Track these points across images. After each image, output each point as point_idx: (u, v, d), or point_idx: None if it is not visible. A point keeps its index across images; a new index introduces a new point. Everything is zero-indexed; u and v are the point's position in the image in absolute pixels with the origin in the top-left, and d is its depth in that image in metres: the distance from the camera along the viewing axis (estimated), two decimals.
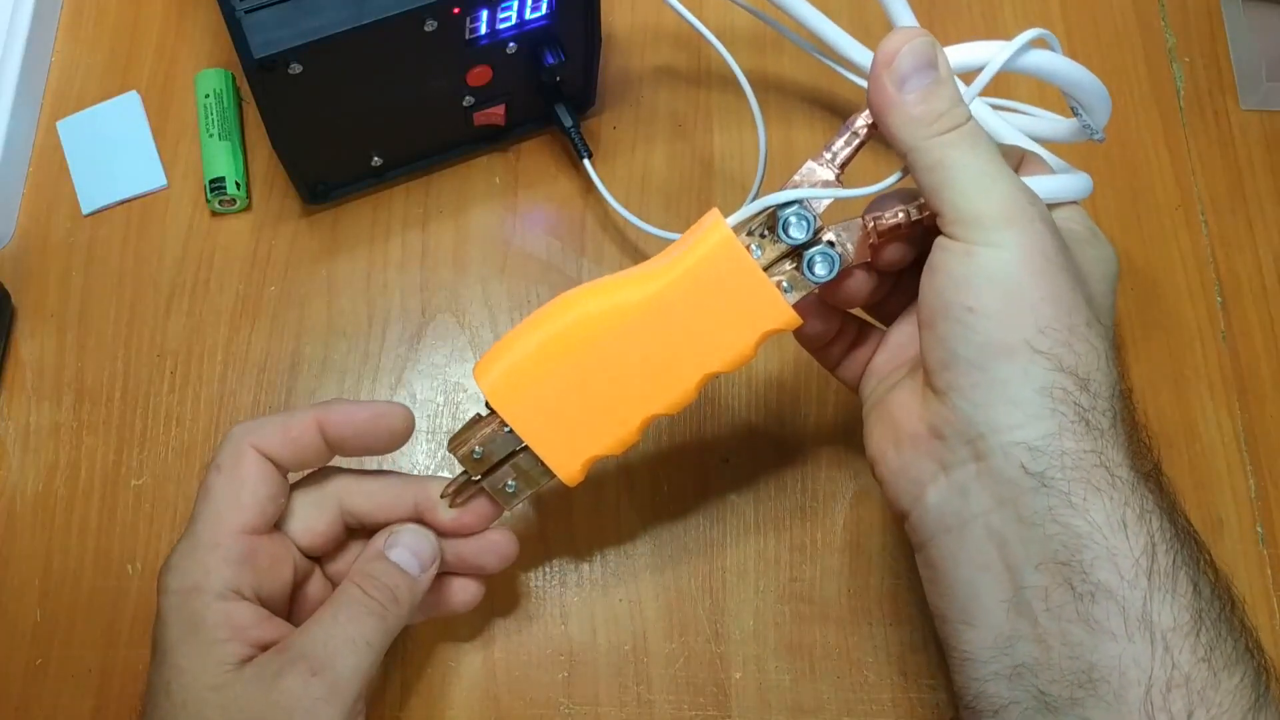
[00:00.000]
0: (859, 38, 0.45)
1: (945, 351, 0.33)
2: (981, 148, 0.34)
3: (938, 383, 0.34)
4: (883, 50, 0.34)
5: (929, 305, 0.34)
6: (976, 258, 0.33)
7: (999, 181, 0.33)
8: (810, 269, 0.36)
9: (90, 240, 0.50)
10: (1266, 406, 0.49)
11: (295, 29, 0.41)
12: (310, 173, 0.48)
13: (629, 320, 0.36)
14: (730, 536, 0.45)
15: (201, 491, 0.37)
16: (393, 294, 0.49)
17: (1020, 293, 0.32)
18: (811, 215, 0.35)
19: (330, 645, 0.35)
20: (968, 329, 0.33)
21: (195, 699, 0.34)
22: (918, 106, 0.34)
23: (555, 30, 0.46)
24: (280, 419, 0.37)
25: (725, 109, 0.53)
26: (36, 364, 0.47)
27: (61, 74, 0.53)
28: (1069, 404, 0.32)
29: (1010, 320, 0.32)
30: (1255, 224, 0.52)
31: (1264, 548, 0.46)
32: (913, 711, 0.43)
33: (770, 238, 0.36)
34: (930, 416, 0.34)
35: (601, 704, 0.43)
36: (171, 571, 0.35)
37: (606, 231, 0.51)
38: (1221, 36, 0.56)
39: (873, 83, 0.34)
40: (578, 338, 0.36)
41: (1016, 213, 0.33)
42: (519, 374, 0.36)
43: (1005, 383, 0.32)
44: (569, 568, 0.45)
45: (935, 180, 0.34)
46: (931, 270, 0.34)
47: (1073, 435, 0.32)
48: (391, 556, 0.37)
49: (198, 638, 0.34)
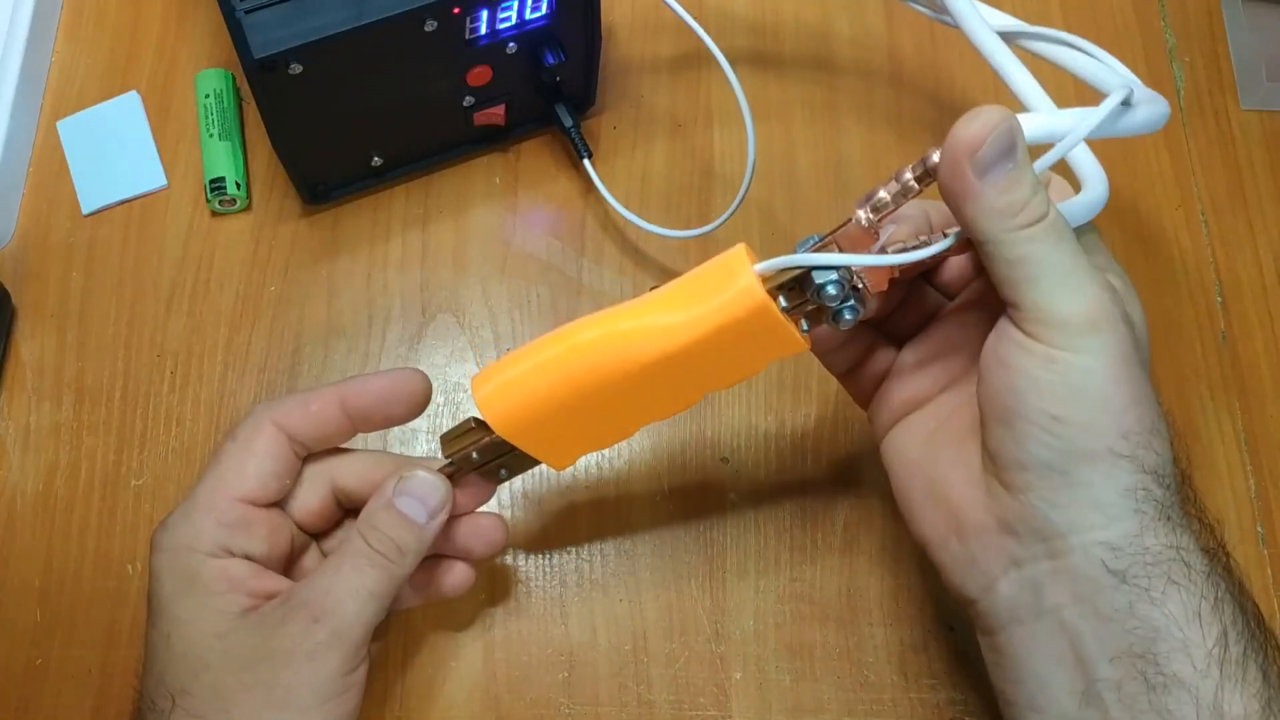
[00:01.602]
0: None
1: (1023, 453, 0.33)
2: (1066, 243, 0.33)
3: (1012, 480, 0.33)
4: (966, 134, 0.31)
5: (1003, 404, 0.33)
6: (1063, 366, 0.32)
7: (1086, 283, 0.32)
8: (837, 320, 0.34)
9: (90, 240, 0.50)
10: (1266, 406, 0.49)
11: (295, 29, 0.41)
12: (310, 173, 0.48)
13: (644, 367, 0.34)
14: (730, 536, 0.45)
15: (211, 459, 0.37)
16: (393, 294, 0.49)
17: (1107, 403, 0.32)
18: (847, 280, 0.34)
19: (333, 593, 0.35)
20: (1051, 436, 0.32)
21: (197, 646, 0.34)
22: (1001, 198, 0.32)
23: (555, 30, 0.46)
24: (301, 396, 0.38)
25: (725, 108, 0.53)
26: (36, 364, 0.47)
27: (61, 74, 0.53)
28: (1150, 502, 0.32)
29: (1096, 429, 0.32)
30: (1255, 224, 0.52)
31: (1264, 548, 0.46)
32: (913, 711, 0.43)
33: (799, 290, 0.34)
34: (1001, 511, 0.34)
35: (601, 704, 0.43)
36: (165, 530, 0.36)
37: (606, 231, 0.51)
38: (1221, 36, 0.56)
39: (950, 168, 0.32)
40: (585, 374, 0.35)
41: (1102, 317, 0.32)
42: (514, 388, 0.36)
43: (1088, 486, 0.32)
44: (569, 568, 0.45)
45: (1017, 276, 0.32)
46: (1007, 368, 0.33)
47: (1154, 533, 0.32)
48: (399, 505, 0.37)
49: (194, 591, 0.35)
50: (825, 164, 0.52)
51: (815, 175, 0.52)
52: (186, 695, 0.34)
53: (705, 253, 0.49)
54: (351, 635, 0.35)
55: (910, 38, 0.55)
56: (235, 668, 0.34)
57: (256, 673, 0.34)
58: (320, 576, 0.36)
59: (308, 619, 0.34)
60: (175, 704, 0.34)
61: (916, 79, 0.54)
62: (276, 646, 0.34)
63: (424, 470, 0.37)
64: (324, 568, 0.36)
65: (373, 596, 0.36)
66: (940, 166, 0.32)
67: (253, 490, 0.36)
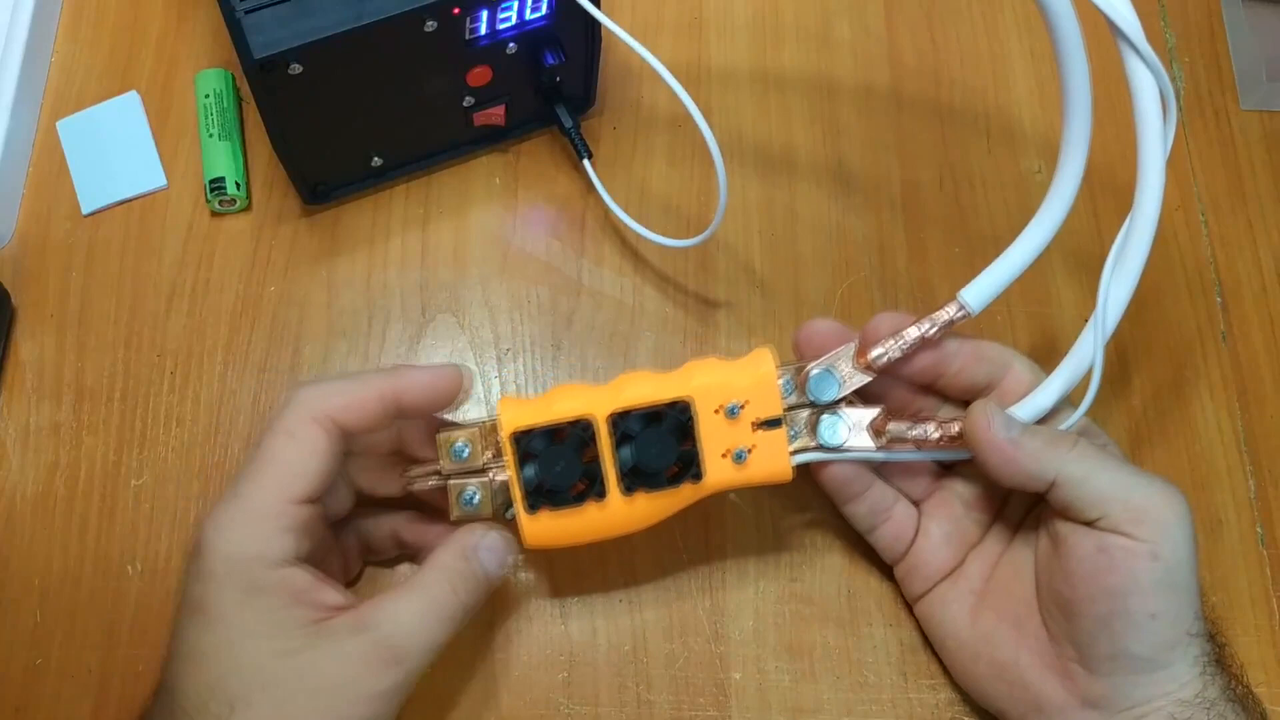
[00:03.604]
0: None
1: (1115, 647, 0.36)
2: (1105, 450, 0.39)
3: (1099, 667, 0.37)
4: (979, 420, 0.38)
5: (1098, 605, 0.36)
6: (1163, 558, 0.36)
7: (1143, 475, 0.37)
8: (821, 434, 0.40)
9: (90, 240, 0.50)
10: (1266, 406, 0.49)
11: (295, 29, 0.41)
12: (310, 173, 0.48)
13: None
14: (730, 537, 0.45)
15: (262, 453, 0.36)
16: (393, 294, 0.49)
17: (1188, 592, 0.37)
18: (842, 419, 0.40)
19: (414, 637, 0.35)
20: (1145, 632, 0.36)
21: (262, 659, 0.34)
22: (1037, 437, 0.37)
23: (555, 30, 0.46)
24: (347, 385, 0.37)
25: (725, 108, 0.53)
26: (36, 364, 0.47)
27: (61, 74, 0.53)
28: (1211, 661, 0.37)
29: (1180, 619, 0.36)
30: (1255, 224, 0.52)
31: (1264, 548, 0.46)
32: (913, 712, 0.43)
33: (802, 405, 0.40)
34: (1084, 692, 0.37)
35: (601, 704, 0.43)
36: (221, 533, 0.35)
37: (606, 232, 0.51)
38: (1221, 36, 0.56)
39: (987, 449, 0.37)
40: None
41: (1176, 501, 0.37)
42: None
43: (1171, 666, 0.36)
44: (569, 568, 0.45)
45: (1092, 489, 0.37)
46: (1109, 567, 0.36)
47: (1215, 685, 0.36)
48: (482, 558, 0.38)
49: (259, 603, 0.34)
50: (825, 165, 0.52)
51: (816, 175, 0.52)
52: (248, 707, 0.33)
53: (705, 254, 0.50)
54: (414, 681, 0.35)
55: (910, 36, 0.55)
56: (303, 692, 0.34)
57: (328, 698, 0.34)
58: (402, 612, 0.36)
59: (389, 659, 0.35)
60: (234, 711, 0.33)
61: (915, 73, 0.55)
62: (348, 681, 0.34)
63: (498, 532, 0.39)
64: (404, 601, 0.36)
65: (438, 648, 0.36)
66: (975, 446, 0.38)
67: (313, 490, 0.36)
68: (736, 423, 0.39)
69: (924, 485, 0.43)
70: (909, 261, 0.50)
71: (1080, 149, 0.38)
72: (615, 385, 0.39)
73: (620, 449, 0.39)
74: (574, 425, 0.38)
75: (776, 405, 0.39)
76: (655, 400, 0.39)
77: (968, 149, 0.53)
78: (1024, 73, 0.55)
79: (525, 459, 0.38)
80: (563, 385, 0.40)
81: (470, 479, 0.39)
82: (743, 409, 0.39)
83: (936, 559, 0.42)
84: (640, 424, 0.39)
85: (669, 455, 0.39)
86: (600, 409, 0.38)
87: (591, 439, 0.39)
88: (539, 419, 0.38)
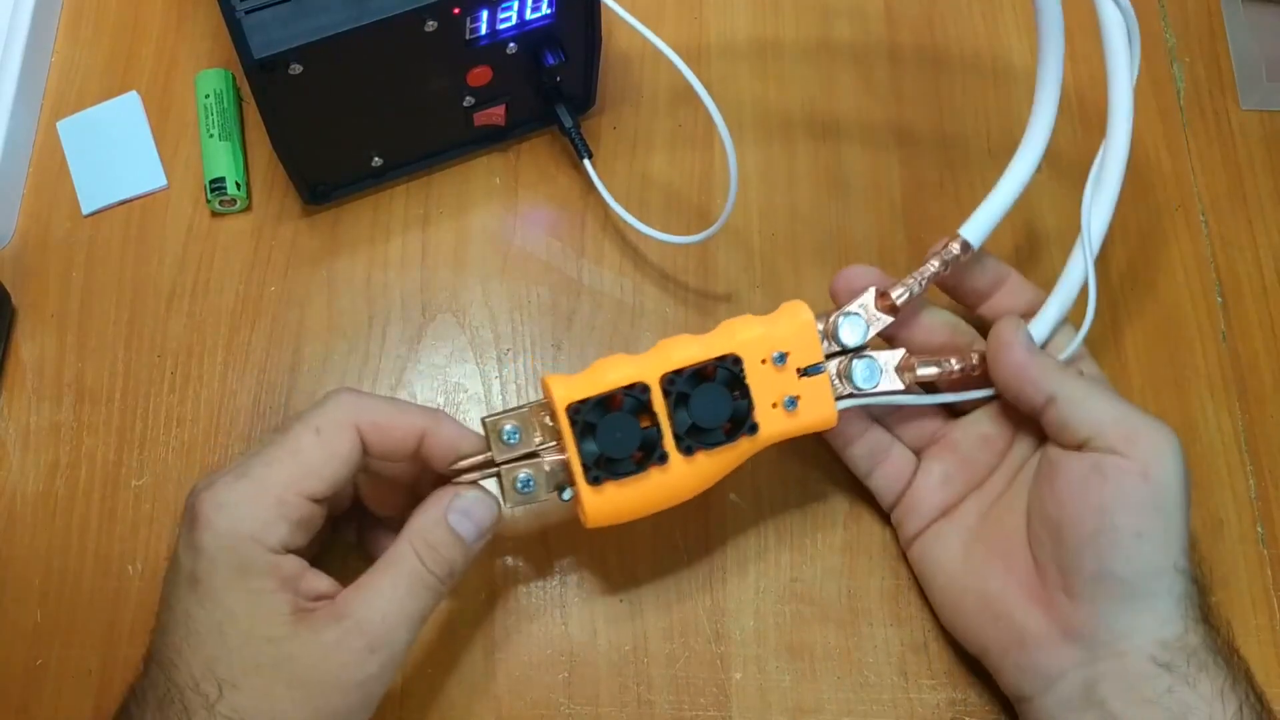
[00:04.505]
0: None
1: (1099, 567, 0.37)
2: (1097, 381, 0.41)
3: (1081, 591, 0.37)
4: (1006, 328, 0.40)
5: (1085, 522, 0.37)
6: (1153, 479, 0.37)
7: (1137, 408, 0.39)
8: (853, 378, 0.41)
9: (90, 240, 0.50)
10: (1266, 406, 0.49)
11: (295, 29, 0.41)
12: (310, 173, 0.48)
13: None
14: (730, 537, 0.45)
15: (285, 440, 0.36)
16: (393, 294, 0.49)
17: (1175, 520, 0.37)
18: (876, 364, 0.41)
19: (389, 621, 0.35)
20: (1131, 551, 0.36)
21: (250, 643, 0.34)
22: (1048, 357, 0.40)
23: (555, 30, 0.46)
24: (388, 407, 0.37)
25: (726, 109, 0.53)
26: (36, 364, 0.47)
27: (61, 74, 0.53)
28: (1194, 605, 0.37)
29: (1167, 546, 0.37)
30: (1255, 224, 0.52)
31: (1264, 548, 0.46)
32: (913, 712, 0.43)
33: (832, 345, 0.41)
34: (1065, 622, 0.38)
35: (601, 704, 0.43)
36: (221, 509, 0.35)
37: (606, 232, 0.51)
38: (1221, 36, 0.56)
39: (1004, 353, 0.40)
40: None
41: (1168, 433, 0.38)
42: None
43: (1153, 597, 0.37)
44: (569, 568, 0.45)
45: (1089, 409, 0.38)
46: (1099, 483, 0.37)
47: (1196, 632, 0.37)
48: (451, 521, 0.37)
49: (246, 584, 0.34)
50: (825, 165, 0.52)
51: (816, 174, 0.52)
52: (235, 690, 0.33)
53: (705, 253, 0.50)
54: (399, 660, 0.35)
55: (910, 35, 0.55)
56: (288, 680, 0.34)
57: (308, 690, 0.34)
58: (375, 597, 0.35)
59: (365, 648, 0.34)
60: (222, 695, 0.33)
61: (914, 64, 0.55)
62: (330, 669, 0.34)
63: (477, 491, 0.38)
64: (378, 585, 0.36)
65: (422, 620, 0.36)
66: (995, 352, 0.40)
67: (323, 491, 0.36)
68: (783, 371, 0.39)
69: (931, 430, 0.44)
70: (909, 261, 0.50)
71: (1054, 75, 0.41)
72: (659, 350, 0.39)
73: (676, 411, 0.39)
74: (628, 392, 0.38)
75: (817, 351, 0.40)
76: (705, 358, 0.39)
77: (968, 149, 0.53)
78: (1025, 72, 0.55)
79: (582, 433, 0.38)
80: (602, 359, 0.39)
81: (521, 465, 0.38)
82: (788, 357, 0.39)
83: (934, 497, 0.42)
84: (691, 383, 0.39)
85: (725, 410, 0.39)
86: (651, 373, 0.38)
87: (646, 405, 0.38)
88: (592, 390, 0.38)
